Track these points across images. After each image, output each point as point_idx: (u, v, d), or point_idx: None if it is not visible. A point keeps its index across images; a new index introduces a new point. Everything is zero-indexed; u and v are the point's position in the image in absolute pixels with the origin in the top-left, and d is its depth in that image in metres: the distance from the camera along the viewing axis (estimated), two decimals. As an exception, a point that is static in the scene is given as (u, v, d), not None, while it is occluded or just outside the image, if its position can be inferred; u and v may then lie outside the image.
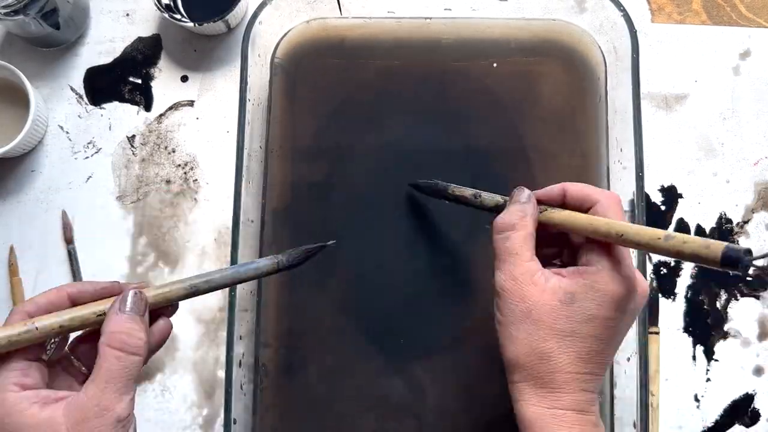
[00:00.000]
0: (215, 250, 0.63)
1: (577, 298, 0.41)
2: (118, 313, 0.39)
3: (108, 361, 0.38)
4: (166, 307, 0.42)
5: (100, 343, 0.38)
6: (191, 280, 0.41)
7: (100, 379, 0.37)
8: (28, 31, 0.63)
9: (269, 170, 0.59)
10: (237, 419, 0.52)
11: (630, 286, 0.41)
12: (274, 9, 0.58)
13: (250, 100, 0.56)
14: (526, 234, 0.43)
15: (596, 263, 0.41)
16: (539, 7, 0.60)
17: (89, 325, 0.39)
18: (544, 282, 0.41)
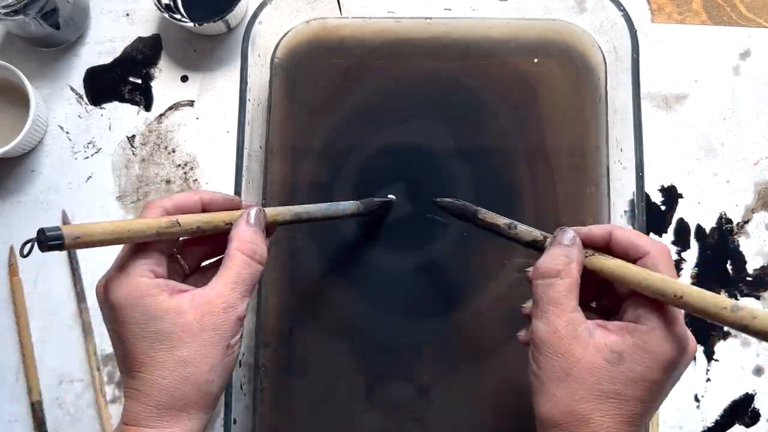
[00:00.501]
0: (215, 250, 0.63)
1: (625, 359, 0.38)
2: (248, 224, 0.42)
3: (238, 265, 0.40)
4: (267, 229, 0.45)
5: (232, 249, 0.41)
6: (295, 209, 0.47)
7: (230, 279, 0.40)
8: (28, 31, 0.63)
9: (269, 170, 0.59)
10: (237, 419, 0.52)
11: (682, 348, 0.38)
12: (274, 9, 0.58)
13: (250, 100, 0.56)
14: (571, 282, 0.40)
15: (647, 321, 0.38)
16: (539, 7, 0.60)
17: (218, 230, 0.42)
18: (588, 337, 0.38)
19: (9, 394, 0.61)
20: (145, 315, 0.38)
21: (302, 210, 0.47)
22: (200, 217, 0.41)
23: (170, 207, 0.41)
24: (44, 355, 0.61)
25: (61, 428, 0.60)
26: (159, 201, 0.41)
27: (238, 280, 0.40)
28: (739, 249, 0.62)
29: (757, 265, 0.61)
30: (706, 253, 0.62)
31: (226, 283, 0.40)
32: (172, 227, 0.39)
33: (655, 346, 0.38)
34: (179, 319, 0.38)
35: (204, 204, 0.43)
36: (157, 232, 0.39)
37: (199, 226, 0.41)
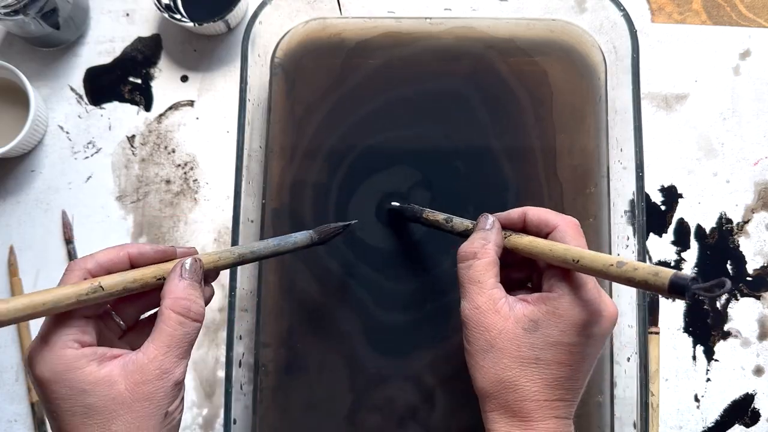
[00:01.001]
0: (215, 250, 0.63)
1: (540, 325, 0.40)
2: (180, 279, 0.40)
3: (171, 326, 0.38)
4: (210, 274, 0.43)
5: (164, 307, 0.39)
6: (239, 250, 0.43)
7: (162, 342, 0.38)
8: (28, 31, 0.63)
9: (269, 170, 0.59)
10: (237, 419, 0.52)
11: (593, 311, 0.40)
12: (274, 9, 0.58)
13: (250, 100, 0.56)
14: (488, 261, 0.42)
15: (557, 289, 0.41)
16: (539, 7, 0.60)
17: (149, 287, 0.40)
18: (508, 310, 0.41)
19: (9, 394, 0.61)
20: (72, 390, 0.36)
21: (246, 251, 0.44)
22: (126, 276, 0.39)
23: (93, 268, 0.39)
24: (44, 355, 0.61)
25: (61, 428, 0.60)
26: (80, 262, 0.39)
27: (171, 342, 0.38)
28: (739, 249, 0.62)
29: (757, 265, 0.61)
30: (706, 253, 0.62)
31: (159, 346, 0.38)
32: (94, 292, 0.37)
33: (565, 310, 0.40)
34: (110, 391, 0.36)
35: (132, 259, 0.40)
36: (77, 300, 0.37)
37: (125, 287, 0.38)
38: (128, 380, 0.37)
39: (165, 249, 0.41)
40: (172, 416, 0.39)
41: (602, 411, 0.54)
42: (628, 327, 0.53)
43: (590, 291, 0.41)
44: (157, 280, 0.40)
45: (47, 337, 0.37)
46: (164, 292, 0.39)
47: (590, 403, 0.54)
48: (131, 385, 0.37)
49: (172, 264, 0.40)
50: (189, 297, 0.39)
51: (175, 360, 0.38)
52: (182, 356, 0.39)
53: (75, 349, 0.37)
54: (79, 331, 0.38)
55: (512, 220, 0.45)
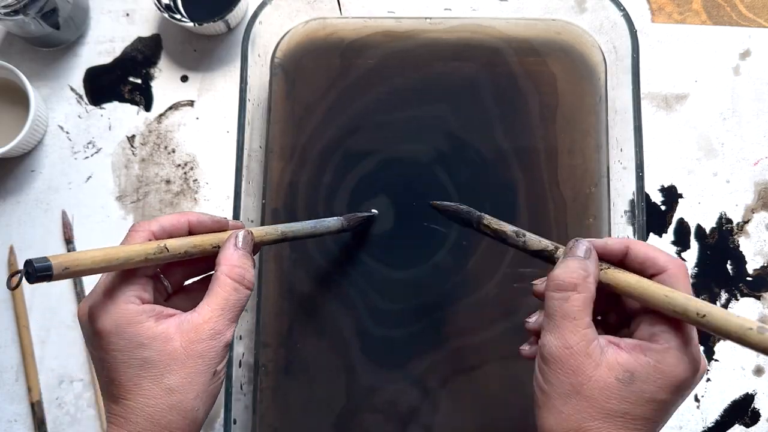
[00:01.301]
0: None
1: (637, 378, 0.37)
2: (236, 248, 0.41)
3: (226, 291, 0.40)
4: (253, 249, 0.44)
5: (220, 273, 0.40)
6: (281, 228, 0.47)
7: (217, 305, 0.40)
8: (27, 31, 0.63)
9: (269, 170, 0.59)
10: (237, 419, 0.52)
11: (696, 368, 0.37)
12: (274, 9, 0.58)
13: (250, 100, 0.56)
14: (588, 297, 0.38)
15: (663, 340, 0.37)
16: (539, 7, 0.60)
17: (206, 254, 0.42)
18: (600, 354, 0.37)
19: (9, 394, 0.61)
20: (131, 342, 0.38)
21: (288, 229, 0.47)
22: (188, 241, 0.41)
23: (157, 230, 0.41)
24: (44, 355, 0.61)
25: (61, 428, 0.60)
26: (145, 224, 0.41)
27: (225, 306, 0.40)
28: (739, 249, 0.62)
29: (757, 265, 0.61)
30: (706, 253, 0.62)
31: (214, 309, 0.39)
32: (160, 253, 0.39)
33: (669, 366, 0.37)
34: (166, 347, 0.38)
35: (191, 226, 0.42)
36: (146, 258, 0.38)
37: (186, 250, 0.40)
38: (183, 338, 0.38)
39: (220, 219, 0.44)
40: (219, 375, 0.40)
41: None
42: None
43: (696, 346, 0.38)
44: (213, 248, 0.42)
45: (111, 292, 0.39)
46: (220, 259, 0.41)
47: (590, 403, 0.54)
48: (186, 343, 0.38)
49: (226, 234, 0.42)
50: (243, 265, 0.41)
51: (227, 323, 0.40)
52: (233, 320, 0.40)
53: (136, 305, 0.39)
54: (140, 288, 0.39)
55: (609, 251, 0.40)
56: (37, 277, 0.34)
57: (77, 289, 0.62)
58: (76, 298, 0.62)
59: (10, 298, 0.62)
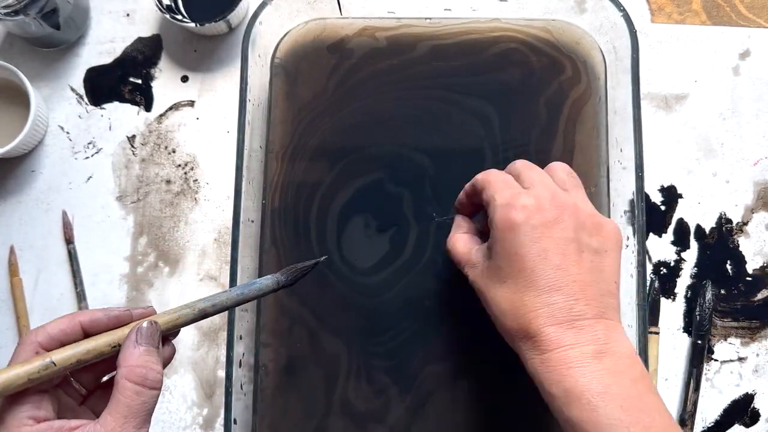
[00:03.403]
0: (215, 250, 0.63)
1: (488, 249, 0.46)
2: (136, 346, 0.38)
3: (127, 396, 0.37)
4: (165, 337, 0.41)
5: (120, 377, 0.38)
6: (199, 304, 0.41)
7: (119, 413, 0.37)
8: (28, 31, 0.63)
9: (269, 170, 0.59)
10: (237, 419, 0.52)
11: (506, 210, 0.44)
12: (274, 9, 0.58)
13: (250, 100, 0.56)
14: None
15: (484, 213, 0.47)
16: (539, 7, 0.60)
17: (104, 356, 0.39)
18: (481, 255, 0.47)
19: (9, 394, 0.61)
20: None
21: (207, 304, 0.42)
22: (79, 348, 0.38)
23: (44, 341, 0.38)
24: (44, 355, 0.61)
25: (62, 428, 0.60)
26: (32, 335, 0.38)
27: (129, 413, 0.37)
28: (739, 249, 0.62)
29: (757, 265, 0.61)
30: (705, 253, 0.62)
31: (116, 417, 0.37)
32: (46, 369, 0.36)
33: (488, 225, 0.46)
34: None
35: (84, 328, 0.39)
36: (29, 379, 0.36)
37: (78, 359, 0.37)
38: None
39: (119, 314, 0.40)
40: None
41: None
42: (628, 327, 0.53)
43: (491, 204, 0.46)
44: (112, 348, 0.39)
45: (1, 416, 0.37)
46: (120, 360, 0.38)
47: (590, 403, 0.54)
48: None
49: (128, 329, 0.39)
50: (145, 364, 0.38)
51: (133, 430, 0.37)
52: (140, 425, 0.38)
53: (30, 426, 0.36)
54: (33, 407, 0.37)
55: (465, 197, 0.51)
56: None
57: (77, 290, 0.62)
58: (76, 297, 0.62)
59: (10, 298, 0.63)
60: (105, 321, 0.40)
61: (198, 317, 0.41)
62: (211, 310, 0.42)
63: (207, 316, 0.42)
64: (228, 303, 0.42)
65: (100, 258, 0.63)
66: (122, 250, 0.63)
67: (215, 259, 0.63)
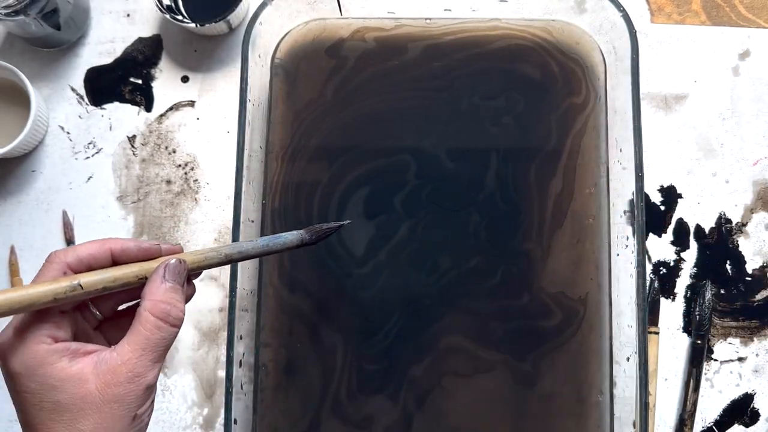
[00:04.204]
0: (215, 250, 0.63)
1: None
2: (163, 281, 0.38)
3: (148, 329, 0.37)
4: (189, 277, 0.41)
5: (143, 309, 0.38)
6: (225, 249, 0.41)
7: (137, 345, 0.37)
8: (28, 31, 0.63)
9: (269, 170, 0.59)
10: (237, 419, 0.52)
11: None
12: (274, 9, 0.58)
13: (251, 100, 0.56)
14: None
15: None
16: (539, 7, 0.60)
17: (130, 287, 0.38)
18: None
19: (9, 393, 0.61)
20: (43, 385, 0.36)
21: (233, 251, 0.42)
22: (107, 274, 0.37)
23: (73, 262, 0.38)
24: (45, 354, 0.62)
25: (62, 428, 0.60)
26: (61, 254, 0.38)
27: (147, 345, 0.37)
28: (739, 249, 0.62)
29: (756, 265, 0.61)
30: (705, 253, 0.62)
31: (134, 348, 0.37)
32: (72, 291, 0.36)
33: None
34: (80, 390, 0.36)
35: (114, 255, 0.39)
36: (55, 298, 0.36)
37: (105, 286, 0.37)
38: (99, 380, 0.36)
39: (149, 247, 0.40)
40: (141, 419, 0.38)
41: (602, 410, 0.54)
42: (628, 327, 0.53)
43: None
44: (139, 279, 0.38)
45: (21, 331, 0.37)
46: (145, 293, 0.38)
47: (590, 403, 0.55)
48: (102, 386, 0.36)
49: (155, 263, 0.39)
50: (170, 300, 0.38)
51: (148, 364, 0.37)
52: (156, 360, 0.37)
53: (48, 345, 0.36)
54: (53, 326, 0.37)
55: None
56: None
57: (78, 289, 0.62)
58: (76, 298, 0.62)
59: (10, 298, 0.63)
60: (135, 252, 0.39)
61: (223, 261, 0.41)
62: (237, 256, 0.42)
63: (232, 262, 0.42)
64: (252, 252, 0.43)
65: (100, 258, 0.63)
66: (122, 250, 0.63)
67: (215, 259, 0.63)
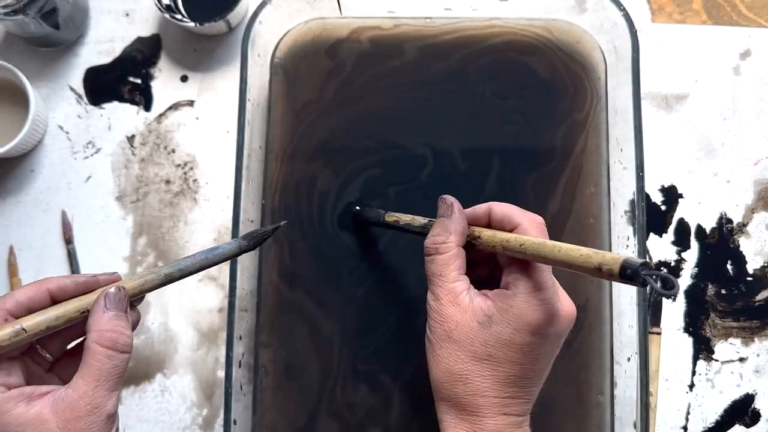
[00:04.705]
0: (215, 250, 0.63)
1: (494, 321, 0.40)
2: (105, 311, 0.38)
3: (99, 360, 0.37)
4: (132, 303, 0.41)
5: (90, 341, 0.38)
6: (164, 269, 0.42)
7: (91, 377, 0.37)
8: (27, 31, 0.63)
9: (269, 170, 0.59)
10: (237, 419, 0.52)
11: (549, 311, 0.40)
12: (274, 9, 0.58)
13: (250, 100, 0.56)
14: (449, 255, 0.42)
15: (513, 286, 0.40)
16: (539, 7, 0.60)
17: (74, 321, 0.39)
18: (468, 302, 0.41)
19: (9, 394, 0.61)
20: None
21: (173, 269, 0.42)
22: (48, 314, 0.38)
23: (12, 308, 0.38)
24: (44, 355, 0.61)
25: (61, 428, 0.60)
26: (2, 302, 0.38)
27: (100, 376, 0.37)
28: (740, 249, 0.62)
29: (758, 265, 0.61)
30: (706, 253, 0.62)
31: (88, 381, 0.37)
32: (16, 336, 0.36)
33: (519, 308, 0.40)
34: (42, 431, 0.36)
35: (52, 295, 0.39)
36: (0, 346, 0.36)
37: (48, 326, 0.38)
38: (59, 418, 0.36)
39: (86, 280, 0.40)
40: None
41: (602, 411, 0.54)
42: (629, 327, 0.53)
43: (547, 290, 0.40)
44: (81, 313, 0.39)
45: None
46: (89, 325, 0.38)
47: (590, 403, 0.54)
48: (63, 423, 0.36)
49: (95, 295, 0.39)
50: (115, 329, 0.38)
51: (105, 393, 0.37)
52: (112, 389, 0.38)
53: (2, 393, 0.36)
54: (5, 374, 0.37)
55: (477, 216, 0.44)
56: None
57: (77, 290, 0.62)
58: (75, 298, 0.62)
59: (9, 298, 0.62)
60: (72, 288, 0.40)
61: (164, 282, 0.41)
62: (177, 274, 0.42)
63: (173, 281, 0.42)
64: (192, 267, 0.43)
65: (99, 258, 0.63)
66: (122, 250, 0.63)
67: (215, 259, 0.63)
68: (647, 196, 0.62)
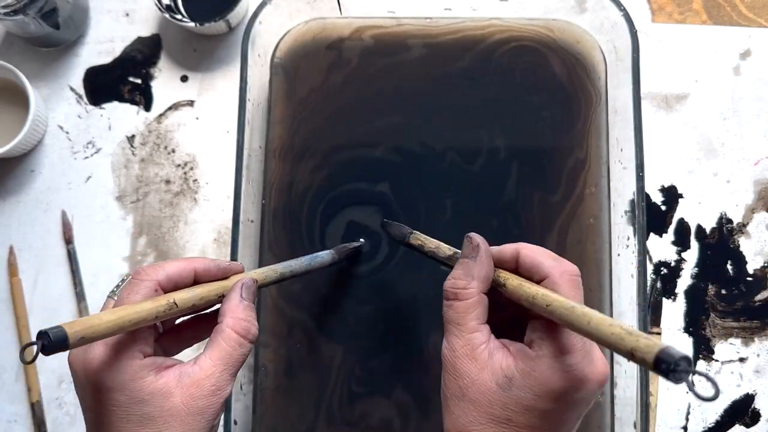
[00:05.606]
0: (215, 250, 0.63)
1: (514, 385, 0.36)
2: (241, 300, 0.40)
3: (231, 345, 0.39)
4: None
5: (225, 325, 0.39)
6: (279, 268, 0.46)
7: (220, 360, 0.38)
8: (27, 31, 0.63)
9: (269, 170, 0.59)
10: (237, 419, 0.52)
11: (576, 378, 0.36)
12: (274, 9, 0.58)
13: (250, 100, 0.56)
14: (470, 303, 0.38)
15: (537, 347, 0.36)
16: (539, 7, 0.60)
17: (211, 304, 0.41)
18: (487, 358, 0.37)
19: (9, 394, 0.61)
20: (132, 399, 0.37)
21: (285, 269, 0.46)
22: (194, 294, 0.39)
23: (163, 280, 0.39)
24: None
25: (61, 428, 0.60)
26: (150, 272, 0.39)
27: (229, 361, 0.39)
28: (740, 249, 0.62)
29: (758, 265, 0.61)
30: (706, 253, 0.62)
31: (216, 363, 0.38)
32: (170, 309, 0.38)
33: (541, 374, 0.36)
34: (165, 403, 0.37)
35: (197, 275, 0.40)
36: (156, 316, 0.37)
37: (194, 304, 0.39)
38: (184, 393, 0.37)
39: (227, 266, 0.42)
40: (216, 429, 0.39)
41: (602, 411, 0.54)
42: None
43: (575, 354, 0.36)
44: (218, 297, 0.41)
45: (117, 347, 0.37)
46: (225, 310, 0.40)
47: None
48: (186, 399, 0.37)
49: (231, 283, 0.41)
50: (248, 318, 0.40)
51: (229, 378, 0.39)
52: (234, 375, 0.39)
53: (140, 360, 0.37)
54: (145, 342, 0.38)
55: (503, 259, 0.40)
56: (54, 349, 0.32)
57: (77, 290, 0.62)
58: (75, 298, 0.62)
59: (9, 298, 0.62)
60: (215, 271, 0.41)
61: (278, 279, 0.45)
62: (289, 274, 0.46)
63: (284, 280, 0.46)
64: (299, 270, 0.47)
65: (99, 258, 0.63)
66: (122, 250, 0.63)
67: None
68: (647, 196, 0.62)
